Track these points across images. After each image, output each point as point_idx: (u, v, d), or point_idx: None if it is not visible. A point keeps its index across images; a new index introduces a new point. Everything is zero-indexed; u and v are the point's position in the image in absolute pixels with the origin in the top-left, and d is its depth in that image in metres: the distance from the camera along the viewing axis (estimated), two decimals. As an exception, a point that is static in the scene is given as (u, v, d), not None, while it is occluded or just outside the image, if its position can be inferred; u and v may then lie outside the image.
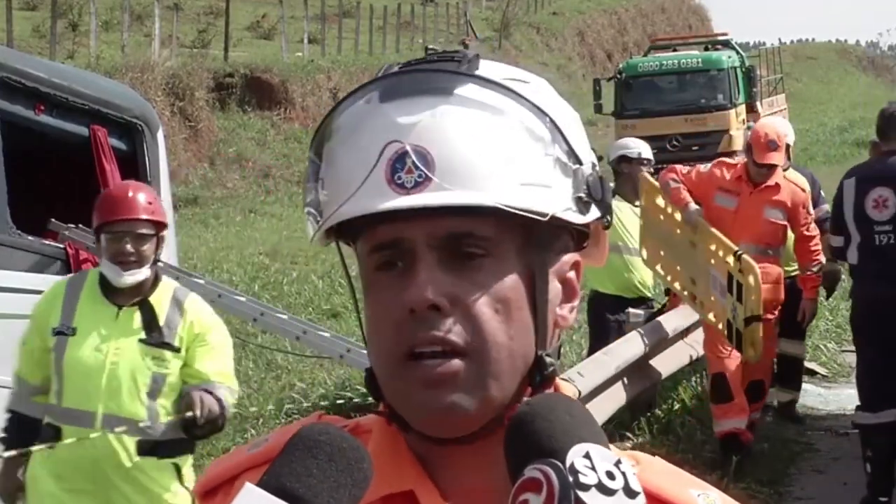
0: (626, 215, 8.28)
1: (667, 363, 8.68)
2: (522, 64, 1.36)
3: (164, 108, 22.11)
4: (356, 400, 8.93)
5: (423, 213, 1.19)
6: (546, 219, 1.23)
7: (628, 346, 8.03)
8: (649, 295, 8.67)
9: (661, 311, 8.95)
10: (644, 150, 8.68)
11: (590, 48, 47.88)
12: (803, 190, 7.89)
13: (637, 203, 8.49)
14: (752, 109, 24.59)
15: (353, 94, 1.26)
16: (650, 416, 8.78)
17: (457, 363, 1.20)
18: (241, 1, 36.18)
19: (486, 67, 1.26)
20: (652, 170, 8.77)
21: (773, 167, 7.67)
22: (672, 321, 8.73)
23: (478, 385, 1.21)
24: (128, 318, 4.64)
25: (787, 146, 7.87)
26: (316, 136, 1.28)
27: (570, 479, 1.07)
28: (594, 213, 1.28)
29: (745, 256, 7.46)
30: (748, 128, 24.03)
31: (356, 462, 1.11)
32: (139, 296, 4.64)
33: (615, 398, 7.77)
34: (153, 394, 4.61)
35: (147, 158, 8.22)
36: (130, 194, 4.69)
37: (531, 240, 1.25)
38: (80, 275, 4.82)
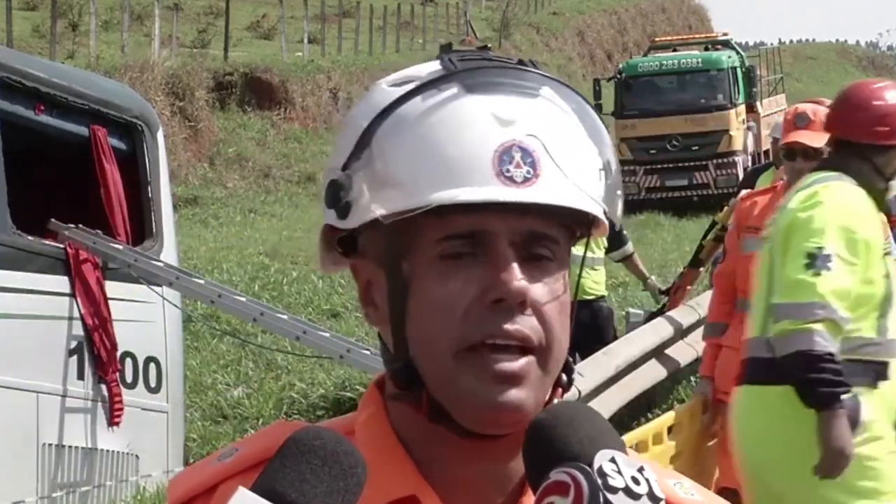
0: None
1: (667, 363, 8.68)
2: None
3: (163, 108, 22.09)
4: (356, 400, 8.93)
5: (514, 210, 1.20)
6: (614, 229, 1.28)
7: (628, 346, 8.03)
8: (599, 294, 8.54)
9: (661, 311, 8.95)
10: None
11: (590, 48, 47.84)
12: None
13: None
14: (752, 109, 24.61)
15: (423, 85, 1.24)
16: (650, 416, 8.79)
17: (531, 360, 1.21)
18: (241, 1, 36.17)
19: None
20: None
21: (810, 156, 5.36)
22: (672, 321, 8.74)
23: (539, 384, 1.22)
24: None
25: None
26: (374, 120, 1.25)
27: (599, 481, 1.08)
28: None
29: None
30: (748, 128, 24.23)
31: (350, 467, 1.11)
32: None
33: (615, 398, 7.76)
34: None
35: (147, 158, 8.23)
36: None
37: (571, 248, 1.28)
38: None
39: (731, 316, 5.63)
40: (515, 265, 1.21)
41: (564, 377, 1.28)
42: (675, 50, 26.25)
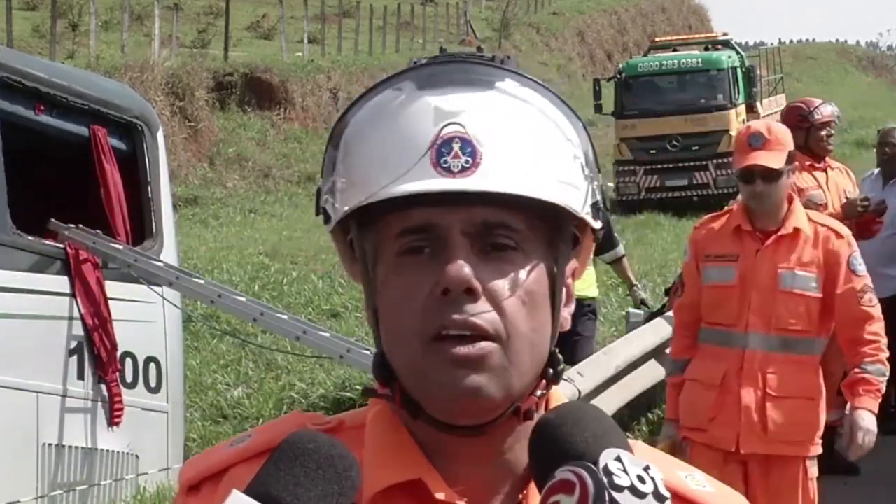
0: None
1: (666, 363, 8.67)
2: (521, 64, 1.38)
3: (163, 107, 22.09)
4: (356, 400, 8.93)
5: (460, 200, 1.20)
6: (579, 216, 1.27)
7: (628, 346, 8.03)
8: (587, 295, 8.03)
9: (661, 311, 8.95)
10: None
11: (590, 48, 47.84)
12: (840, 235, 5.00)
13: None
14: (752, 109, 24.59)
15: (381, 84, 1.27)
16: (650, 416, 8.79)
17: (489, 345, 1.21)
18: (241, 1, 36.16)
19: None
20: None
21: (770, 177, 4.89)
22: (672, 321, 8.73)
23: (503, 372, 1.22)
24: None
25: (792, 157, 5.01)
26: (336, 127, 1.28)
27: (605, 480, 1.08)
28: (599, 223, 1.30)
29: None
30: (748, 128, 24.22)
31: (344, 470, 1.12)
32: None
33: (615, 398, 7.77)
34: None
35: (147, 158, 8.23)
36: None
37: (554, 240, 1.27)
38: None
39: (694, 350, 5.16)
40: (460, 254, 1.21)
41: (551, 371, 1.28)
42: (675, 50, 26.23)
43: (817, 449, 5.02)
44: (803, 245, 4.92)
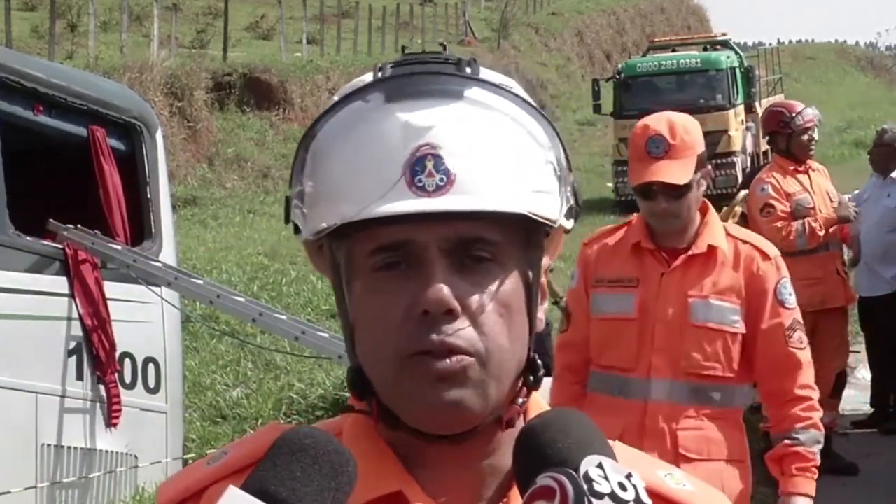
0: None
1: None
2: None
3: (162, 108, 22.08)
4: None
5: (437, 217, 1.19)
6: (555, 226, 1.26)
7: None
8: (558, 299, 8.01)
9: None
10: None
11: (588, 48, 47.84)
12: (767, 256, 3.93)
13: None
14: (750, 110, 24.60)
15: (351, 95, 1.24)
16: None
17: (467, 359, 1.21)
18: (239, 1, 36.17)
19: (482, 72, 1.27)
20: None
21: (676, 193, 3.85)
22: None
23: (482, 385, 1.22)
24: None
25: (702, 160, 3.95)
26: (307, 133, 1.26)
27: (585, 486, 1.07)
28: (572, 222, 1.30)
29: None
30: (747, 128, 24.22)
31: (340, 465, 1.12)
32: None
33: (614, 398, 7.74)
34: None
35: (146, 159, 8.23)
36: None
37: (529, 246, 1.26)
38: None
39: (582, 399, 4.06)
40: (439, 275, 1.20)
41: (531, 377, 1.28)
42: (673, 50, 26.24)
43: None
44: (720, 267, 3.89)
